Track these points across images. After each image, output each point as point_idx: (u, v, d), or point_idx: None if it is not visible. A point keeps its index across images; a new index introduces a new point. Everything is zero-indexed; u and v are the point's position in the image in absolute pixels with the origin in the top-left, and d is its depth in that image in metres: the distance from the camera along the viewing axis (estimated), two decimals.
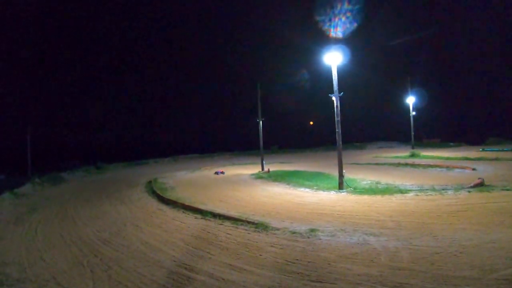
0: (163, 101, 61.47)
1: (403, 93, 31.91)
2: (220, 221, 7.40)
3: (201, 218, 7.86)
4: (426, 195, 9.24)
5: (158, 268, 4.85)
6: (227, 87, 59.78)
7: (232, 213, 8.01)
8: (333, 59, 11.40)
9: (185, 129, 55.43)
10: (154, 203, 10.56)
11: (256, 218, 7.28)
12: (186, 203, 9.44)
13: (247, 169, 21.17)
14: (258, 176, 16.75)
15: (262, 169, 19.97)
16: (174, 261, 5.07)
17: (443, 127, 44.39)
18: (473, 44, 50.15)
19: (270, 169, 18.67)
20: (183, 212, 8.76)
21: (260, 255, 5.12)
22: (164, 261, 5.11)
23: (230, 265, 4.76)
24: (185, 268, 4.74)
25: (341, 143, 11.59)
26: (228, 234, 6.40)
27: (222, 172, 19.75)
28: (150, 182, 15.70)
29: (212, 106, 60.32)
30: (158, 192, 12.08)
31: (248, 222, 7.02)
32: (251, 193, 11.52)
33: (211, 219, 7.70)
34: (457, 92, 47.39)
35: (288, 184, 13.07)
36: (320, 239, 5.76)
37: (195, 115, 60.38)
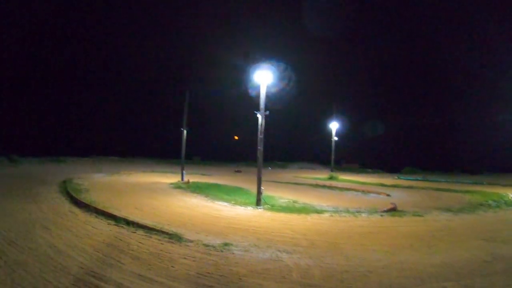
0: (83, 98, 55.98)
1: (328, 117, 33.86)
2: (133, 229, 7.36)
3: (114, 225, 7.73)
4: (341, 216, 9.76)
5: (64, 274, 4.73)
6: (154, 92, 57.24)
7: (147, 221, 7.98)
8: (263, 77, 12.08)
9: (106, 129, 51.36)
10: (66, 205, 9.99)
11: (171, 229, 7.37)
12: (100, 208, 9.15)
13: (167, 178, 20.97)
14: (177, 186, 16.78)
15: (182, 179, 19.99)
16: (82, 268, 4.98)
17: (362, 154, 48.26)
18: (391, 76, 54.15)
19: (190, 180, 18.73)
20: (96, 216, 8.50)
21: (172, 266, 5.17)
22: (72, 267, 4.99)
23: (140, 275, 4.77)
24: (93, 276, 4.65)
25: (262, 160, 12.26)
26: (140, 243, 6.40)
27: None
28: (65, 181, 14.74)
29: (137, 109, 57.05)
30: (72, 193, 11.46)
31: (162, 232, 7.10)
32: (168, 202, 11.57)
33: (124, 226, 7.61)
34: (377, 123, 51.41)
35: (206, 196, 13.31)
36: (233, 253, 5.89)
37: (118, 116, 56.40)
